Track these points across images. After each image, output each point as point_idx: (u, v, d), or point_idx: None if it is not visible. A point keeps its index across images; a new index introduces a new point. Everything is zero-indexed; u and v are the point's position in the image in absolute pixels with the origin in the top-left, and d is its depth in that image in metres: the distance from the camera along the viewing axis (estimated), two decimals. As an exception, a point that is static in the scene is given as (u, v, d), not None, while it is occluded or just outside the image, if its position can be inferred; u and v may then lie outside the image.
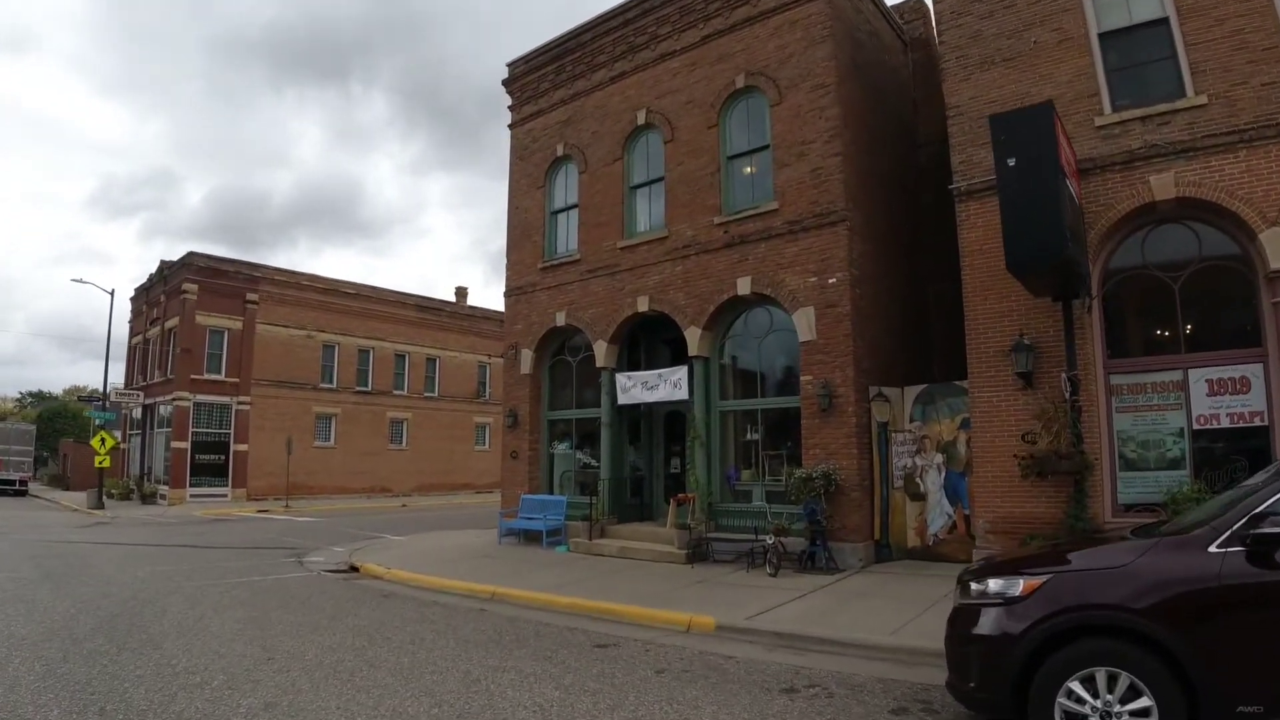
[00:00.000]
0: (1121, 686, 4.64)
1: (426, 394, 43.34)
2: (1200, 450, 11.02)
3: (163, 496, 33.94)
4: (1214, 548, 4.69)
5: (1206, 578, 4.60)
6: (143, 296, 41.80)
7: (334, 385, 39.26)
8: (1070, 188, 10.38)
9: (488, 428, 44.88)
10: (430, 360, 43.64)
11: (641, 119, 16.66)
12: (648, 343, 17.91)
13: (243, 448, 35.76)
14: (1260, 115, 10.50)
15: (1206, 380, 10.98)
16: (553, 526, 16.48)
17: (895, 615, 9.15)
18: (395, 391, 41.86)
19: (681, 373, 15.45)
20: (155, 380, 37.71)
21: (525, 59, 19.51)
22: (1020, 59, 12.52)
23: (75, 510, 30.52)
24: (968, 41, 12.93)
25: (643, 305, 16.08)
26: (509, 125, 19.90)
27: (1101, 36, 11.89)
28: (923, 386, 13.66)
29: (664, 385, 15.68)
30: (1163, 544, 4.96)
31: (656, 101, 16.46)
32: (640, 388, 16.12)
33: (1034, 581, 5.06)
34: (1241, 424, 10.79)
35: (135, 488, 36.49)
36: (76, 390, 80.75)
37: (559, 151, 18.39)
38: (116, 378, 44.19)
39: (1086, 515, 10.98)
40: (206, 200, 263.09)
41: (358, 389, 40.18)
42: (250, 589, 12.28)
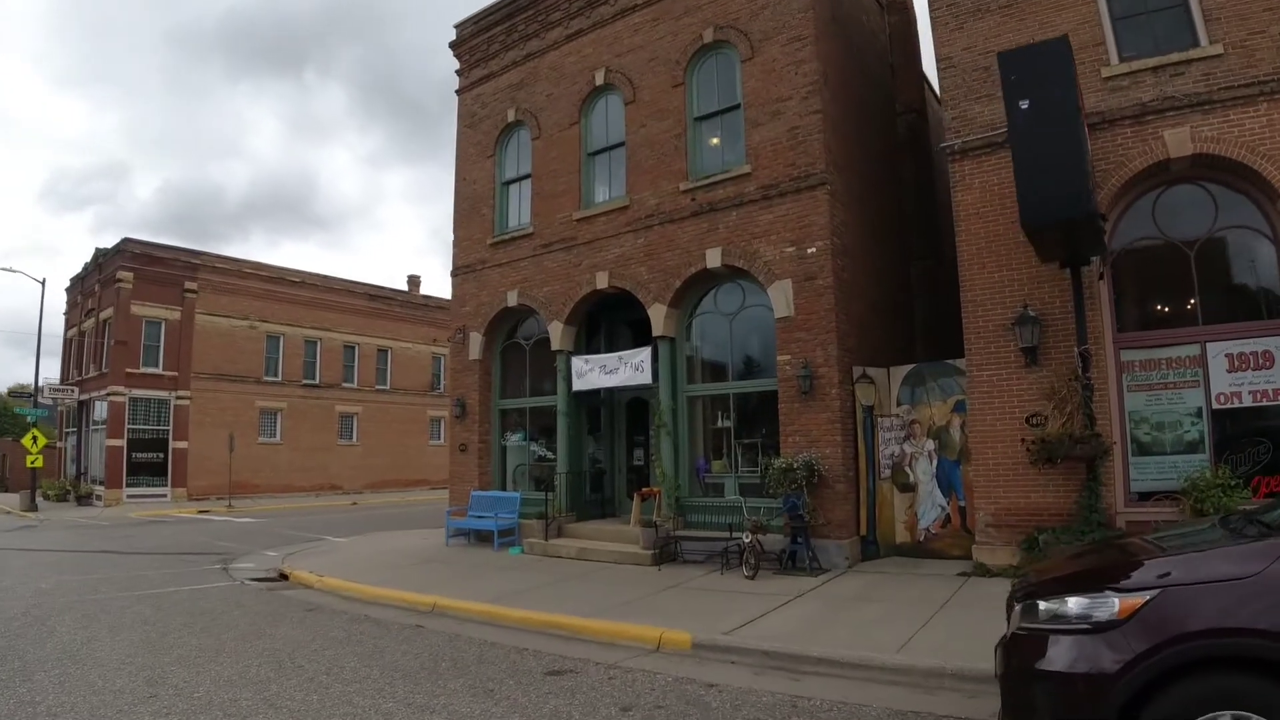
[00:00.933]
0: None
1: (378, 387, 41.53)
2: (1221, 431, 9.96)
3: (99, 497, 32.09)
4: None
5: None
6: (78, 287, 39.65)
7: (279, 378, 37.37)
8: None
9: (443, 422, 42.99)
10: (382, 352, 41.82)
11: (600, 79, 15.22)
12: (608, 325, 16.53)
13: (182, 445, 33.91)
14: (1280, 66, 9.46)
15: (1226, 355, 9.97)
16: (505, 526, 15.01)
17: (898, 625, 7.89)
18: (345, 385, 40.02)
19: (644, 354, 14.08)
20: (90, 375, 35.68)
21: (474, 19, 17.93)
22: (1018, 5, 11.37)
23: (7, 513, 28.69)
24: (960, -15, 11.71)
25: (602, 282, 14.65)
26: (457, 91, 18.32)
27: (1107, -20, 10.77)
28: (911, 366, 12.45)
29: (624, 368, 14.30)
30: None
31: (616, 60, 15.03)
32: (598, 372, 14.72)
33: (1134, 600, 3.75)
34: (1265, 402, 9.78)
35: (71, 489, 34.50)
36: (21, 388, 77.27)
37: (510, 117, 16.87)
38: (53, 373, 42.09)
39: (1101, 505, 9.86)
40: (159, 193, 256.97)
41: (305, 382, 38.31)
42: (159, 603, 10.75)
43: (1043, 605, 4.12)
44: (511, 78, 17.02)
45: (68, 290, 41.41)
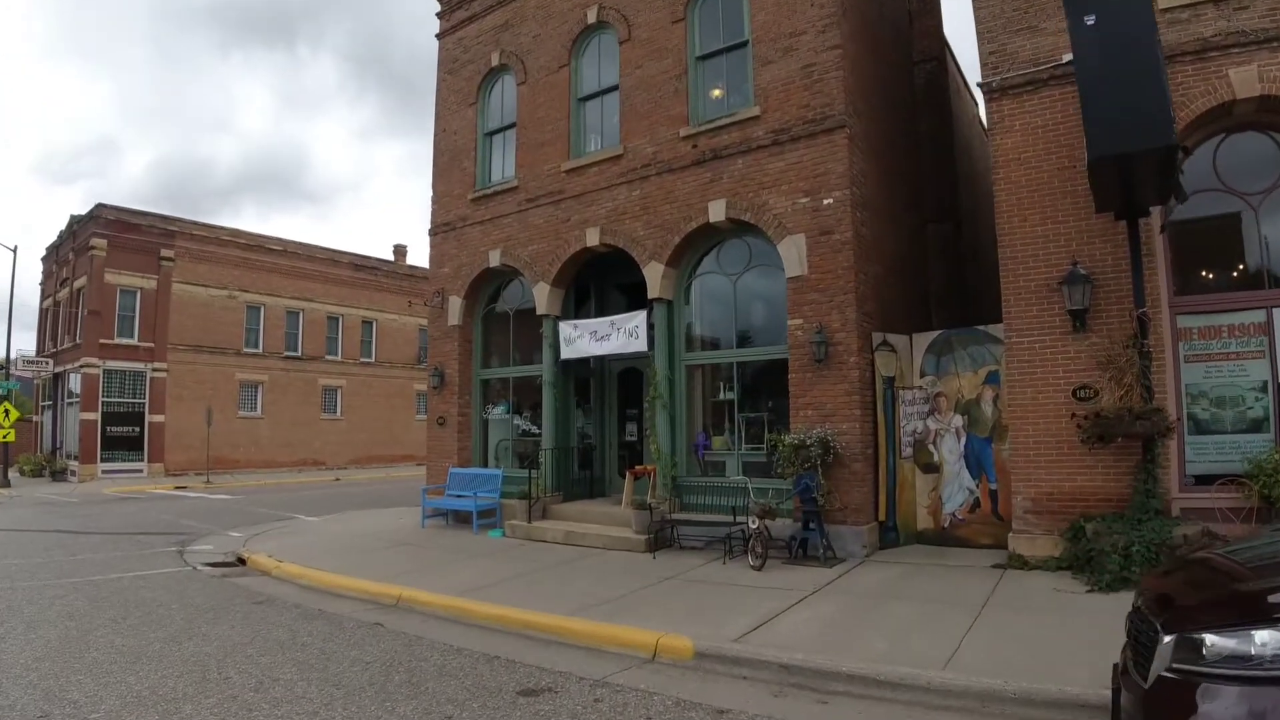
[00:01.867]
0: None
1: (363, 359, 40.15)
2: (1291, 408, 8.76)
3: (73, 473, 31.00)
4: None
5: None
6: (53, 256, 38.21)
7: (260, 350, 36.02)
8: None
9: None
10: (367, 323, 40.39)
11: (592, 17, 13.76)
12: (599, 290, 15.23)
13: (159, 419, 32.67)
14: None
15: (1296, 323, 8.73)
16: (485, 506, 13.72)
17: (938, 631, 6.66)
18: (328, 357, 38.63)
19: (639, 319, 12.76)
20: (65, 346, 34.29)
21: (456, -46, 16.46)
22: (1062, -74, 9.99)
23: (-19, 489, 27.33)
24: (999, -103, 10.33)
25: (593, 239, 13.29)
26: (437, 35, 16.82)
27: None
28: (938, 332, 11.18)
29: (617, 335, 12.98)
30: None
31: (610, -5, 13.60)
32: (588, 338, 13.40)
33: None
34: (1340, 375, 8.58)
35: (46, 464, 33.38)
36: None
37: (494, 61, 15.42)
38: (30, 345, 40.75)
39: (1159, 490, 8.67)
40: (150, 167, 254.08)
41: (287, 354, 36.94)
42: (95, 593, 9.57)
43: (1211, 639, 2.88)
44: (496, 19, 15.53)
45: (44, 260, 39.94)
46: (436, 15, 16.91)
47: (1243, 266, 9.38)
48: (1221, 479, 8.68)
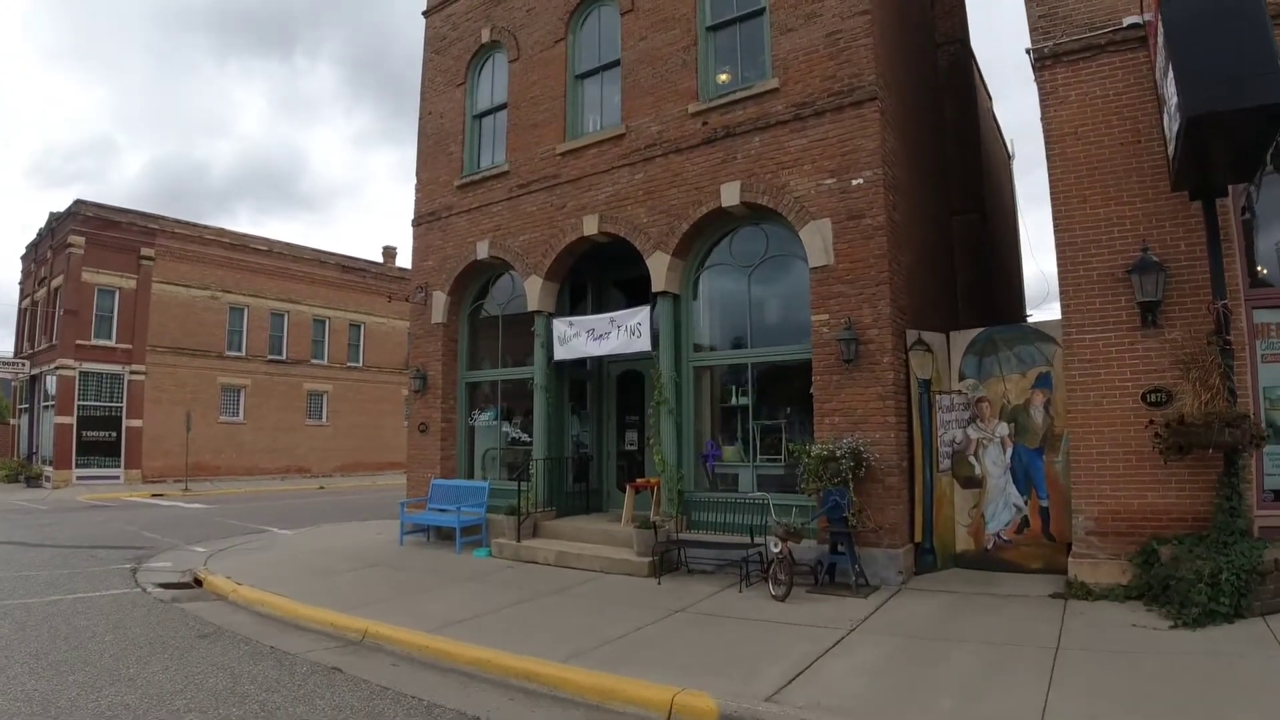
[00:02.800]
0: None
1: (350, 364, 38.83)
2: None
3: (48, 479, 29.65)
4: None
5: None
6: (32, 254, 37.01)
7: (243, 353, 34.74)
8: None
9: (419, 401, 40.43)
10: (354, 326, 39.08)
11: (592, -13, 12.63)
12: (597, 285, 14.04)
13: (137, 423, 31.41)
14: None
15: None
16: (470, 522, 12.44)
17: (1013, 684, 5.45)
18: (314, 361, 37.32)
19: (641, 315, 11.54)
20: (41, 348, 33.06)
21: (444, -75, 15.26)
22: None
23: (-55, 496, 25.97)
24: None
25: (590, 227, 12.07)
26: (423, 13, 15.62)
27: None
28: (979, 330, 9.99)
29: (617, 333, 11.77)
30: None
31: (612, -38, 12.44)
32: (585, 337, 12.18)
33: None
34: None
35: (21, 469, 32.06)
36: (-10, 367, 74.20)
37: (485, 38, 14.20)
38: (9, 346, 39.50)
39: (1244, 508, 7.49)
40: (146, 170, 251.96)
41: (270, 357, 35.64)
42: (25, 619, 8.38)
43: None
44: (487, -8, 14.37)
45: (23, 258, 38.64)
46: (423, -10, 15.74)
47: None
48: (1308, 496, 7.53)
